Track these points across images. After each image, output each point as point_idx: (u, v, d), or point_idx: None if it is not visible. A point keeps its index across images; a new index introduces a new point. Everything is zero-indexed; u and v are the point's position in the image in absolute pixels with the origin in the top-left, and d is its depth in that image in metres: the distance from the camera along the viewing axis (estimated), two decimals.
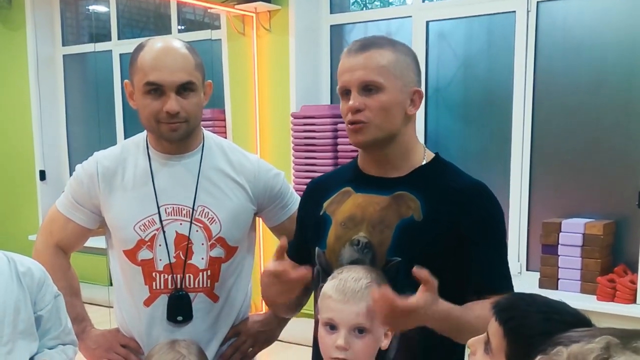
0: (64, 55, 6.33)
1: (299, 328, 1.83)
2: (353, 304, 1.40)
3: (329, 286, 1.46)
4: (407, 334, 1.57)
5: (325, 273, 1.59)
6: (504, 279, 1.61)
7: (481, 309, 1.45)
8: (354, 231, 1.59)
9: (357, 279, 1.43)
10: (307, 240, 1.74)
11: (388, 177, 1.63)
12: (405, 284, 1.44)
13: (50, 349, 1.69)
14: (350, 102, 1.54)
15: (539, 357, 0.69)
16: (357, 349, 1.39)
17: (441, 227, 1.56)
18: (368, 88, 1.53)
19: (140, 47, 1.79)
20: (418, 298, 1.32)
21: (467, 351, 1.49)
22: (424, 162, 1.65)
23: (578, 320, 1.23)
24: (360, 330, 1.40)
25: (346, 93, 1.57)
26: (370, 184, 1.64)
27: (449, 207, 1.57)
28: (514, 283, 1.64)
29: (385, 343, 1.47)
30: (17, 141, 6.29)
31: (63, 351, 1.70)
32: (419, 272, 1.32)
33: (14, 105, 6.26)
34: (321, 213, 1.69)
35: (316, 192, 1.78)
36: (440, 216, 1.56)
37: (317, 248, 1.68)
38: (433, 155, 1.70)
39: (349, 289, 1.41)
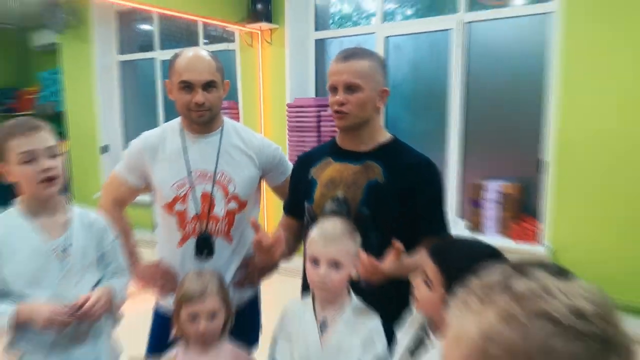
0: (119, 62, 6.20)
1: (291, 263, 1.83)
2: (330, 245, 1.44)
3: (314, 232, 1.50)
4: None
5: (312, 222, 1.61)
6: (444, 225, 1.68)
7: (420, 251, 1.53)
8: (334, 190, 1.66)
9: (334, 227, 1.48)
10: (299, 198, 1.78)
11: (359, 150, 1.69)
12: (371, 229, 1.58)
13: (109, 279, 1.65)
14: (337, 97, 1.60)
15: (457, 287, 0.65)
16: (333, 278, 1.43)
17: (397, 187, 1.61)
18: (350, 88, 1.59)
19: (176, 55, 1.80)
20: (389, 265, 1.42)
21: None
22: (385, 141, 1.71)
23: (493, 253, 1.23)
24: (336, 265, 1.43)
25: (334, 89, 1.63)
26: (345, 155, 1.70)
27: (403, 173, 1.62)
28: (450, 229, 1.71)
29: (354, 274, 1.48)
30: (86, 125, 6.20)
31: (119, 280, 1.66)
32: (396, 243, 1.41)
33: (84, 99, 6.15)
34: (309, 177, 1.74)
35: (304, 163, 1.82)
36: (397, 179, 1.61)
37: (306, 203, 1.73)
38: (392, 136, 1.75)
39: (329, 234, 1.46)
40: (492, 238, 3.67)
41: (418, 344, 1.34)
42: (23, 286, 1.45)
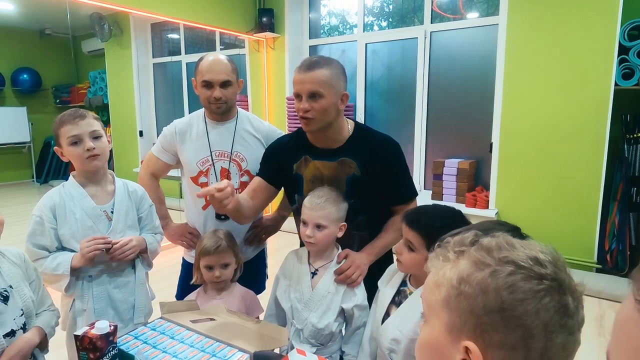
0: (153, 64, 6.02)
1: (290, 224, 1.70)
2: (316, 211, 1.38)
3: (305, 200, 1.43)
4: (358, 233, 1.53)
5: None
6: (412, 192, 1.57)
7: (398, 223, 1.39)
8: (319, 185, 1.50)
9: (320, 196, 1.40)
10: (285, 188, 1.65)
11: (331, 148, 1.52)
12: (358, 213, 1.49)
13: (146, 234, 1.59)
14: (302, 105, 1.42)
15: (436, 245, 0.63)
16: (318, 237, 1.38)
17: (372, 176, 1.48)
18: (313, 95, 1.41)
19: (201, 59, 1.73)
20: (365, 258, 1.45)
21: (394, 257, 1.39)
22: (350, 133, 1.52)
23: (458, 214, 1.20)
24: (319, 227, 1.38)
25: (298, 97, 1.44)
26: (321, 154, 1.53)
27: (373, 160, 1.48)
28: (418, 198, 1.59)
29: (340, 234, 1.43)
30: (126, 114, 6.08)
31: (153, 236, 1.60)
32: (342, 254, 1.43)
33: (124, 93, 6.01)
34: (294, 173, 1.57)
35: (281, 150, 1.62)
36: (370, 169, 1.48)
37: (297, 195, 1.59)
38: (353, 123, 1.57)
39: (314, 202, 1.39)
40: (451, 205, 3.56)
41: (400, 296, 1.30)
42: (77, 243, 1.41)
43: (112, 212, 1.48)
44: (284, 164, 1.59)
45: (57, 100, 6.71)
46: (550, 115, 3.26)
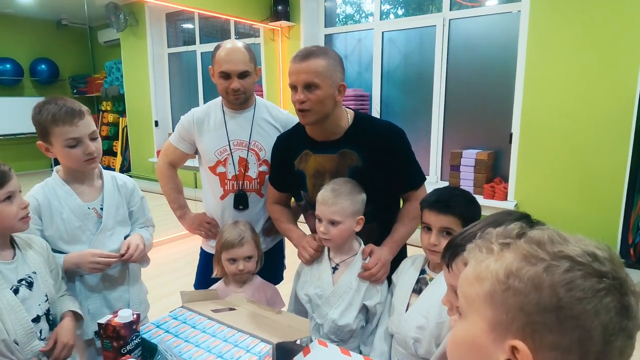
0: (168, 54, 6.02)
1: None
2: (329, 206, 1.33)
3: (319, 195, 1.37)
4: (367, 225, 1.46)
5: (310, 205, 1.50)
6: (421, 177, 1.52)
7: (413, 212, 1.42)
8: (322, 180, 1.45)
9: (333, 189, 1.34)
10: (290, 186, 1.60)
11: (330, 140, 1.46)
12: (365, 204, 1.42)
13: (140, 229, 1.54)
14: (297, 96, 1.37)
15: (477, 238, 0.57)
16: (333, 233, 1.35)
17: (375, 166, 1.42)
18: (309, 86, 1.36)
19: (217, 46, 1.67)
20: (387, 253, 1.41)
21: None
22: (350, 124, 1.46)
23: (474, 199, 1.23)
24: (333, 222, 1.34)
25: (294, 88, 1.39)
26: (320, 147, 1.47)
27: (375, 150, 1.42)
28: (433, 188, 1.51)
29: (358, 227, 1.38)
30: (141, 104, 6.07)
31: (147, 230, 1.55)
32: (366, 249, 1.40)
33: (140, 83, 6.03)
34: (295, 169, 1.52)
35: (282, 147, 1.61)
36: (372, 160, 1.42)
37: (302, 192, 1.55)
38: (353, 113, 1.50)
39: (327, 197, 1.34)
40: None
41: (420, 283, 1.27)
42: (65, 244, 1.34)
43: (101, 209, 1.39)
44: (286, 163, 1.55)
45: (74, 91, 6.76)
46: (573, 104, 3.16)
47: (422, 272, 1.30)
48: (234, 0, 4.41)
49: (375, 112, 4.28)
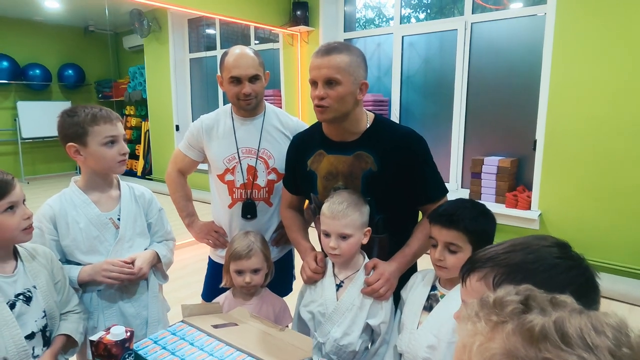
0: (190, 59, 6.06)
1: None
2: (337, 219, 1.26)
3: (324, 208, 1.30)
4: (377, 236, 1.40)
5: (318, 208, 1.39)
6: (441, 190, 1.40)
7: (428, 226, 1.25)
8: (333, 182, 1.39)
9: (341, 202, 1.27)
10: (302, 187, 1.53)
11: (347, 141, 1.38)
12: (374, 212, 1.34)
13: (157, 243, 1.49)
14: (317, 92, 1.30)
15: (475, 274, 0.56)
16: (343, 248, 1.27)
17: (391, 172, 1.33)
18: (329, 82, 1.28)
19: (225, 53, 1.64)
20: (394, 269, 1.32)
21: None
22: (368, 126, 1.38)
23: (485, 212, 1.16)
24: (343, 237, 1.27)
25: (314, 84, 1.32)
26: (335, 147, 1.39)
27: (393, 155, 1.34)
28: (454, 197, 1.36)
29: (365, 240, 1.31)
30: (164, 108, 6.13)
31: (165, 244, 1.50)
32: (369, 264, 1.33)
33: (162, 88, 6.08)
34: (307, 169, 1.45)
35: (297, 148, 1.54)
36: (389, 165, 1.33)
37: (312, 194, 1.48)
38: (373, 115, 1.42)
39: (335, 210, 1.26)
40: (489, 205, 3.35)
41: (430, 300, 1.19)
42: (82, 254, 1.31)
43: (118, 219, 1.36)
44: (299, 162, 1.49)
45: (100, 95, 6.89)
46: (602, 110, 3.01)
47: (433, 288, 1.22)
48: (253, 6, 4.40)
49: (395, 118, 4.18)
